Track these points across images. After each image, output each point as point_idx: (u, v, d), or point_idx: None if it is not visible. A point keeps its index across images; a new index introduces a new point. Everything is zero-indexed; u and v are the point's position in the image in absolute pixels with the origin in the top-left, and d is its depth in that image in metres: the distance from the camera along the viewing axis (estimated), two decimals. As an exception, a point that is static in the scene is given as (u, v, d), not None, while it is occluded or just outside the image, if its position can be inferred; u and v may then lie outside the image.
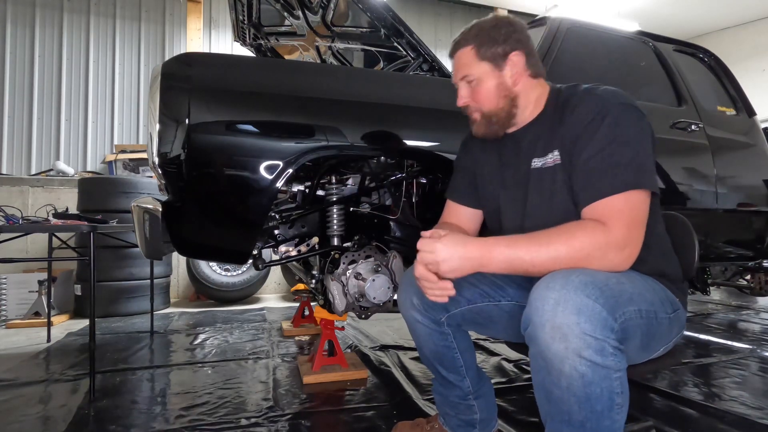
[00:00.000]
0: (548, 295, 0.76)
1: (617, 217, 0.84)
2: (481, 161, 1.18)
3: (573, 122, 0.94)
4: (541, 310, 0.76)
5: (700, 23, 6.30)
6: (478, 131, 1.08)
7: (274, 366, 2.13)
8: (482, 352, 2.29)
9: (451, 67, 1.10)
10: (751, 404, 1.65)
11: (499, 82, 1.02)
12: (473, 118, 1.08)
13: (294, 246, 1.60)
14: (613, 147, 0.88)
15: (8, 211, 2.01)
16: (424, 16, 5.98)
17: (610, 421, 0.76)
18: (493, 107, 1.03)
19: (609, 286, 0.78)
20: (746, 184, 2.34)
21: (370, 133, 1.37)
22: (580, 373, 0.73)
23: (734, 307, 3.75)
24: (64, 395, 1.78)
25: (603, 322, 0.74)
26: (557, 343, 0.74)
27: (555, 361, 0.75)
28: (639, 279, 0.88)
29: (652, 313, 0.85)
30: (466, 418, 1.23)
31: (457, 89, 1.08)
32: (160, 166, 1.20)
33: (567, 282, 0.76)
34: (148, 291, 3.01)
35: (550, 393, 0.78)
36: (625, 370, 0.77)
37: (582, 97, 0.96)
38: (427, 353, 1.19)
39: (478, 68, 1.02)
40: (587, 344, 0.72)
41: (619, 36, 2.27)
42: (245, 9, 2.08)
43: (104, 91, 4.73)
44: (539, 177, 1.01)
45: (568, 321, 0.73)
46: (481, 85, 1.02)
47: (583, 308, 0.73)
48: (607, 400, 0.75)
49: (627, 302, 0.79)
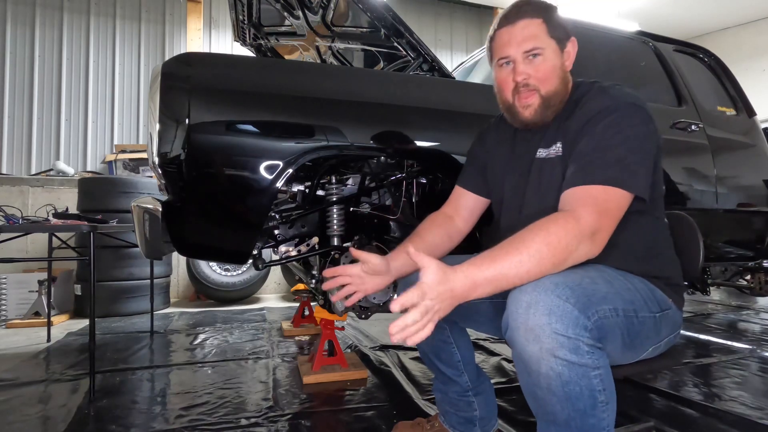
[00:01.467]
0: (521, 298, 0.77)
1: (589, 203, 0.83)
2: (493, 153, 1.17)
3: (579, 116, 0.94)
4: (515, 314, 0.77)
5: (700, 23, 6.30)
6: (530, 117, 0.99)
7: (274, 366, 2.13)
8: (482, 351, 2.29)
9: (503, 38, 0.98)
10: (751, 404, 1.65)
11: (561, 64, 0.98)
12: (527, 102, 0.98)
13: (294, 246, 1.60)
14: (608, 143, 0.88)
15: (8, 210, 2.01)
16: (424, 16, 5.98)
17: (596, 419, 0.76)
18: (552, 88, 0.97)
19: (582, 285, 0.78)
20: (746, 185, 2.33)
21: (370, 134, 1.37)
22: (556, 372, 0.74)
23: (734, 307, 3.75)
24: (64, 395, 1.77)
25: (575, 320, 0.74)
26: (531, 345, 0.74)
27: (532, 362, 0.75)
28: (618, 278, 0.88)
29: (631, 311, 0.84)
30: (465, 415, 1.23)
31: (509, 62, 0.98)
32: (160, 166, 1.20)
33: (538, 284, 0.77)
34: (148, 291, 3.01)
35: (535, 394, 0.79)
36: (606, 368, 0.77)
37: (594, 94, 0.96)
38: (425, 348, 1.21)
39: (548, 43, 0.96)
40: (560, 344, 0.73)
41: (619, 36, 2.27)
42: (245, 9, 2.08)
43: (104, 91, 4.73)
44: (540, 167, 1.01)
45: (540, 322, 0.74)
46: (547, 62, 0.96)
47: (554, 308, 0.74)
48: (588, 398, 0.75)
49: (601, 301, 0.79)
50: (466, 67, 2.55)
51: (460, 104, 1.53)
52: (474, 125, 1.50)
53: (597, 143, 0.89)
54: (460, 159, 1.45)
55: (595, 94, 0.96)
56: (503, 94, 1.02)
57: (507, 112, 1.05)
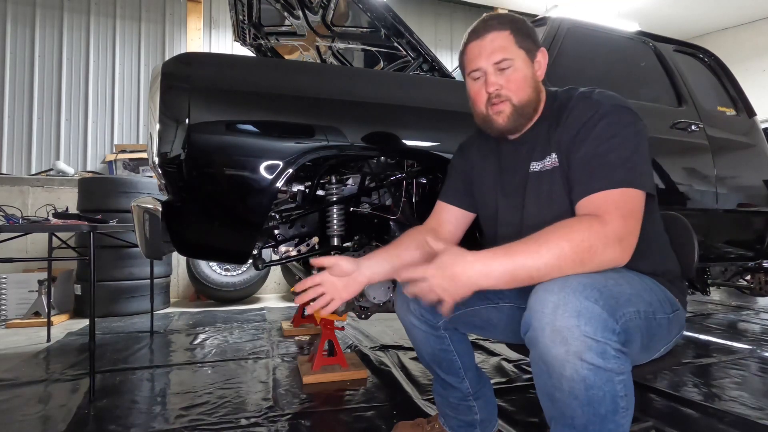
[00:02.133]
0: (547, 298, 0.76)
1: (613, 208, 0.83)
2: (479, 167, 1.16)
3: (569, 125, 0.94)
4: (540, 314, 0.76)
5: (700, 23, 6.30)
6: (503, 124, 1.00)
7: (274, 366, 2.13)
8: (482, 352, 2.29)
9: (473, 52, 1.00)
10: (751, 405, 1.65)
11: (531, 74, 0.99)
12: (499, 108, 0.99)
13: (294, 246, 1.60)
14: (610, 145, 0.88)
15: (8, 210, 2.01)
16: (424, 16, 5.97)
17: (615, 425, 0.75)
18: (525, 97, 0.98)
19: (608, 287, 0.77)
20: (746, 185, 2.33)
21: (370, 133, 1.37)
22: (581, 376, 0.72)
23: (734, 307, 3.75)
24: (64, 395, 1.77)
25: (604, 324, 0.73)
26: (558, 347, 0.73)
27: (556, 364, 0.74)
28: (637, 279, 0.88)
29: (651, 313, 0.85)
30: (466, 419, 1.23)
31: (481, 75, 1.00)
32: (160, 165, 1.20)
33: (565, 285, 0.75)
34: (148, 291, 3.01)
35: (553, 396, 0.77)
36: (629, 373, 0.76)
37: (578, 100, 0.96)
38: (425, 356, 1.19)
39: (517, 54, 0.98)
40: (588, 347, 0.72)
41: (619, 36, 2.27)
42: (245, 9, 2.08)
43: (104, 90, 4.73)
44: (537, 181, 1.00)
45: (569, 324, 0.72)
46: (518, 72, 0.97)
47: (583, 310, 0.73)
48: (610, 403, 0.74)
49: (626, 303, 0.78)
50: (466, 67, 2.55)
51: (461, 104, 1.53)
52: (474, 125, 1.50)
53: (596, 149, 0.89)
54: (460, 159, 1.45)
55: (578, 100, 0.96)
56: (477, 107, 1.03)
57: (483, 123, 1.05)
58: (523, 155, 1.04)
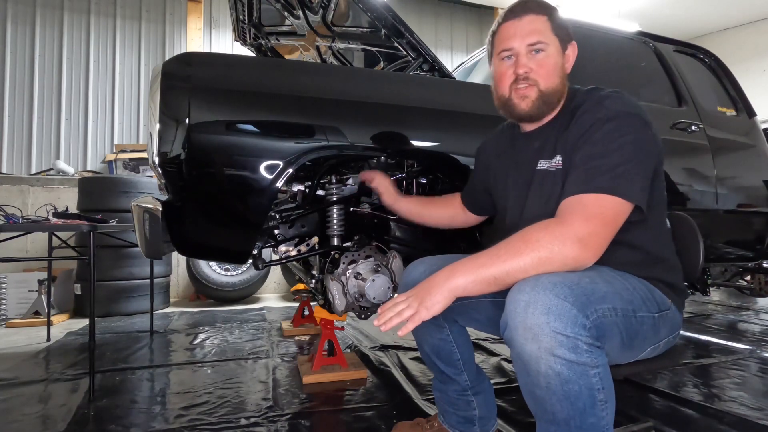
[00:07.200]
0: (519, 297, 0.77)
1: (578, 210, 0.85)
2: (494, 166, 1.21)
3: (577, 128, 0.95)
4: (513, 313, 0.77)
5: (700, 24, 6.30)
6: (526, 109, 1.00)
7: (273, 366, 2.13)
8: (482, 352, 2.29)
9: (508, 31, 1.00)
10: (751, 405, 1.65)
11: (561, 63, 1.00)
12: (525, 93, 0.99)
13: (294, 246, 1.59)
14: (604, 152, 0.88)
15: (8, 210, 2.01)
16: (424, 16, 5.98)
17: (595, 418, 0.76)
18: (552, 85, 0.99)
19: (580, 285, 0.78)
20: (746, 185, 2.33)
21: (371, 133, 1.37)
22: (555, 371, 0.74)
23: (734, 307, 3.75)
24: (64, 395, 1.78)
25: (573, 319, 0.74)
26: (530, 344, 0.75)
27: (531, 361, 0.75)
28: (617, 278, 0.88)
29: (630, 311, 0.84)
30: (465, 415, 1.23)
31: (513, 55, 0.99)
32: (160, 165, 1.20)
33: (537, 283, 0.77)
34: (147, 290, 3.02)
35: (534, 394, 0.79)
36: (605, 366, 0.77)
37: (591, 104, 0.96)
38: (426, 347, 1.22)
39: (551, 40, 0.98)
40: (559, 342, 0.73)
41: (619, 37, 2.27)
42: (245, 9, 2.08)
43: (104, 90, 4.73)
44: (542, 179, 1.01)
45: (538, 321, 0.74)
46: (550, 58, 0.98)
47: (552, 307, 0.74)
48: (588, 397, 0.75)
49: (599, 300, 0.79)
50: (466, 67, 2.55)
51: (461, 104, 1.53)
52: (474, 125, 1.50)
53: (591, 153, 0.89)
54: (461, 159, 1.45)
55: (591, 105, 0.96)
56: (500, 87, 1.03)
57: (503, 107, 1.05)
58: (533, 151, 1.06)
